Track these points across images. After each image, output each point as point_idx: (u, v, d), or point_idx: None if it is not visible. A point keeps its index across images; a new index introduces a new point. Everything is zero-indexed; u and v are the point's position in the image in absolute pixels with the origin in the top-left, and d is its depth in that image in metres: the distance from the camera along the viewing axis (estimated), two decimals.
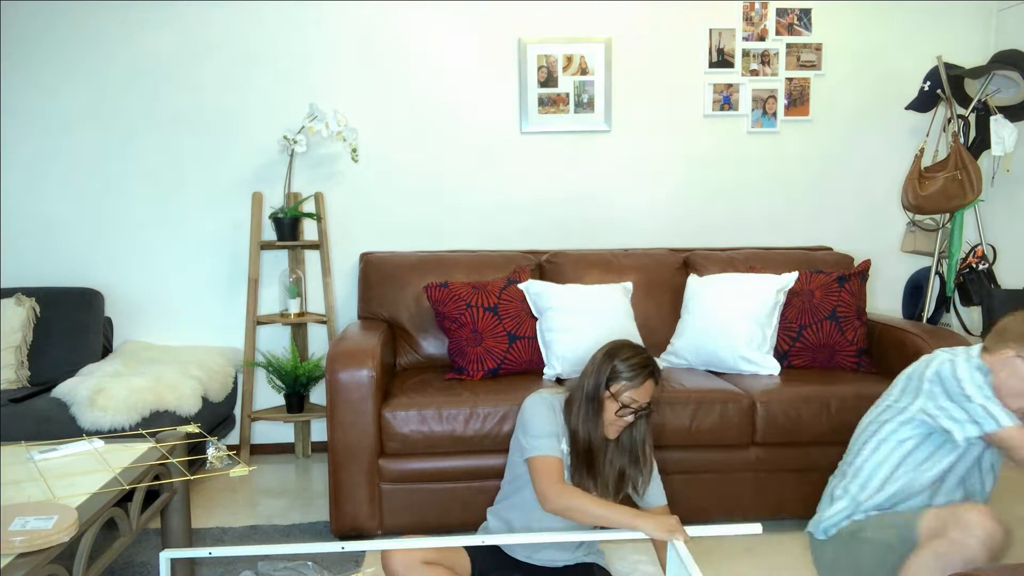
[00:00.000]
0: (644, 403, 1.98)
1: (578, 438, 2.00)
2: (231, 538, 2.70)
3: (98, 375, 2.87)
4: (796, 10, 3.62)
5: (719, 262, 3.32)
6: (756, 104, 3.65)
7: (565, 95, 3.56)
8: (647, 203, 3.67)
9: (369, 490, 2.60)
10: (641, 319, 3.13)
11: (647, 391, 1.97)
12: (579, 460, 2.01)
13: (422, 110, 3.54)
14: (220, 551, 1.49)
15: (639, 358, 1.97)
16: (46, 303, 3.18)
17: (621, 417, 1.97)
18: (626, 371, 1.95)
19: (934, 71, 3.35)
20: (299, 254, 3.53)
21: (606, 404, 1.97)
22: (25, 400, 2.79)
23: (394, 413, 2.60)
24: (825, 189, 3.74)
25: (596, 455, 2.01)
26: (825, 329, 2.99)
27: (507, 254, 3.36)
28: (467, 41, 3.52)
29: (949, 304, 3.42)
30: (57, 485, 1.70)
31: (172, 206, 3.49)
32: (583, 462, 2.01)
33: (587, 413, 1.98)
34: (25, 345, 3.10)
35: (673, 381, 2.78)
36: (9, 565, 1.31)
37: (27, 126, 3.39)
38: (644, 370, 1.96)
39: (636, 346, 2.03)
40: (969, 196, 3.19)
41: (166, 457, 1.89)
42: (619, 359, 1.97)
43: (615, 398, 1.96)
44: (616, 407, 1.96)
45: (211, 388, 3.09)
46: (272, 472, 3.40)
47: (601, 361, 2.00)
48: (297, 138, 3.31)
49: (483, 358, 2.90)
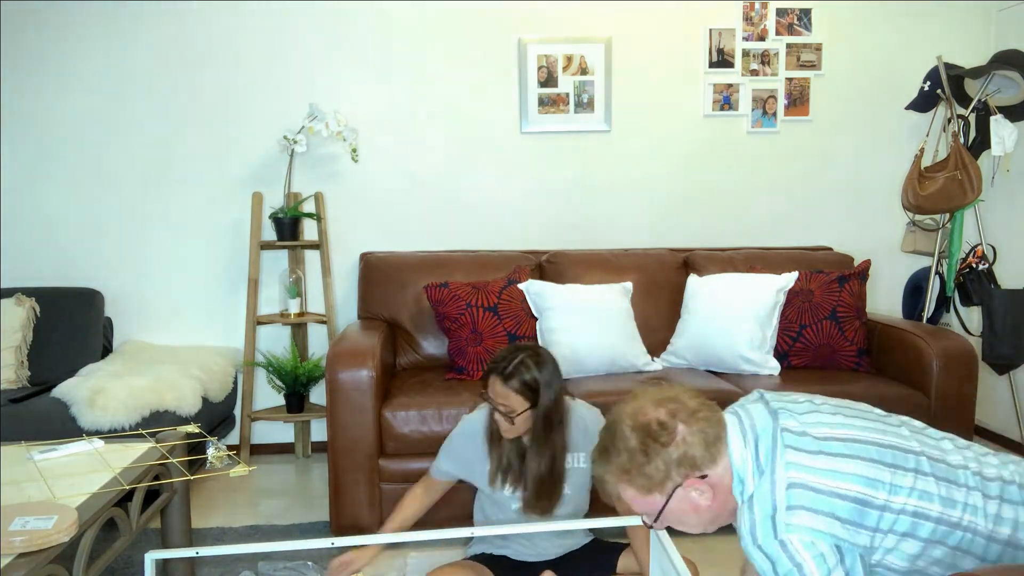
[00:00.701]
0: (500, 402, 1.95)
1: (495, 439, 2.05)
2: (231, 538, 2.70)
3: (98, 375, 2.87)
4: (796, 10, 3.62)
5: (719, 262, 3.32)
6: (756, 104, 3.65)
7: (565, 95, 3.56)
8: (647, 203, 3.67)
9: (369, 490, 2.60)
10: (641, 319, 3.13)
11: (493, 389, 1.96)
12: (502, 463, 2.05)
13: (422, 110, 3.54)
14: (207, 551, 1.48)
15: (497, 355, 2.00)
16: (46, 303, 3.18)
17: (496, 415, 1.99)
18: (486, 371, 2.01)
19: (934, 71, 3.35)
20: (299, 254, 3.53)
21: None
22: (25, 400, 2.79)
23: (394, 413, 2.60)
24: (825, 189, 3.74)
25: (511, 456, 2.04)
26: (825, 329, 2.99)
27: (507, 254, 3.36)
28: (467, 41, 3.52)
29: (949, 304, 3.42)
30: (57, 485, 1.70)
31: (172, 206, 3.49)
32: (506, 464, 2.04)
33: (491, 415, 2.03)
34: (25, 345, 3.10)
35: (673, 381, 2.78)
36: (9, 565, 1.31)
37: (27, 126, 3.39)
38: (489, 374, 1.98)
39: (511, 346, 2.06)
40: (969, 196, 3.19)
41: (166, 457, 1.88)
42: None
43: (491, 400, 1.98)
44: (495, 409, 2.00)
45: (211, 388, 3.09)
46: (272, 472, 3.40)
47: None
48: (297, 138, 3.31)
49: (483, 358, 2.90)
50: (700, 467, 1.31)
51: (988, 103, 3.28)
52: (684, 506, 1.34)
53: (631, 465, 1.31)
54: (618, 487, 1.35)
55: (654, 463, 1.30)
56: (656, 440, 1.30)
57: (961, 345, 2.79)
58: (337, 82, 3.49)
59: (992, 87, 3.30)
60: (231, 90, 3.46)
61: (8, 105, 3.37)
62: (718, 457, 1.32)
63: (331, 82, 3.49)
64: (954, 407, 2.74)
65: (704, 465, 1.31)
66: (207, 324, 3.54)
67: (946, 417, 2.73)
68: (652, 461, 1.30)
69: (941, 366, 2.74)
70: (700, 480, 1.32)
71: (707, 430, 1.32)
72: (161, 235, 3.50)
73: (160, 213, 3.49)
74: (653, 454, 1.30)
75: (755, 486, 1.30)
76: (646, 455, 1.30)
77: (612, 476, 1.35)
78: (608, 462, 1.35)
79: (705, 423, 1.32)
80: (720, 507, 1.35)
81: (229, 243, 3.52)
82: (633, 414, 1.34)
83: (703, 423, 1.32)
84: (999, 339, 3.19)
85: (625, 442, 1.32)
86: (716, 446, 1.32)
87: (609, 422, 1.39)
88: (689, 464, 1.30)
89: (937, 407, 2.74)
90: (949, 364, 2.74)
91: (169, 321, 3.53)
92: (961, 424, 2.75)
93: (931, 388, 2.75)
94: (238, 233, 3.51)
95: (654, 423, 1.31)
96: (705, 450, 1.31)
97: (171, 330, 3.52)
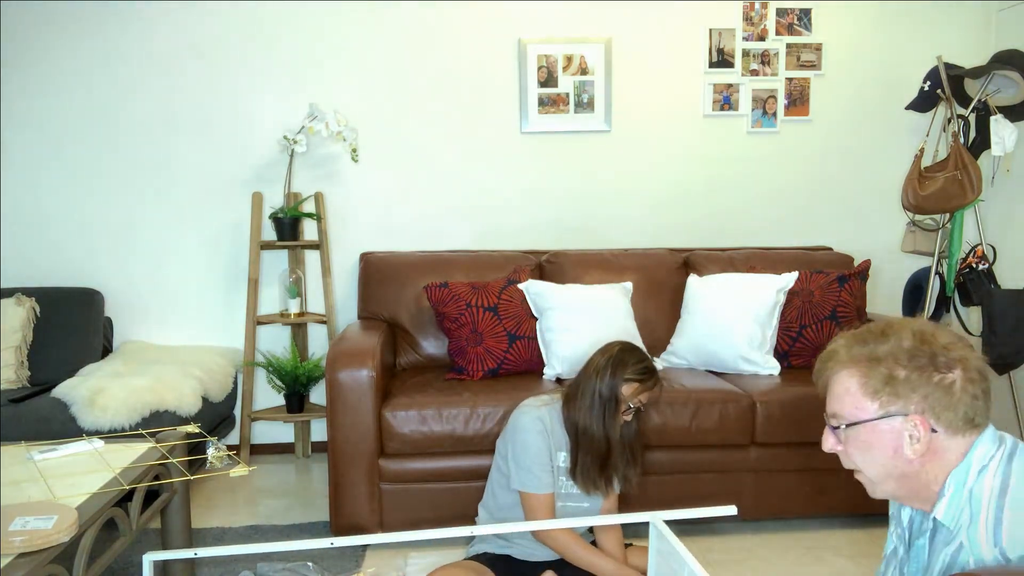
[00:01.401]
0: (646, 400, 2.10)
1: (593, 438, 2.06)
2: (231, 538, 2.70)
3: (98, 375, 2.87)
4: (796, 10, 3.62)
5: (719, 262, 3.32)
6: (756, 104, 3.65)
7: (565, 95, 3.56)
8: (647, 203, 3.67)
9: (369, 490, 2.60)
10: (641, 319, 3.13)
11: (652, 393, 2.10)
12: (591, 460, 2.07)
13: (422, 110, 3.54)
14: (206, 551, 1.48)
15: (648, 362, 2.09)
16: (46, 303, 3.18)
17: (624, 415, 2.07)
18: (638, 374, 2.06)
19: (934, 71, 3.35)
20: (299, 254, 3.53)
21: (621, 405, 2.06)
22: (25, 400, 2.79)
23: (394, 413, 2.60)
24: (825, 189, 3.74)
25: (613, 453, 2.09)
26: (825, 329, 2.99)
27: (507, 254, 3.36)
28: (467, 41, 3.52)
29: (949, 304, 3.42)
30: (57, 485, 1.70)
31: (172, 206, 3.49)
32: (595, 461, 2.07)
33: (602, 413, 2.05)
34: (25, 345, 3.10)
35: (673, 381, 2.78)
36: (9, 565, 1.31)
37: (27, 126, 3.39)
38: (654, 374, 2.08)
39: (639, 349, 2.13)
40: (969, 196, 3.19)
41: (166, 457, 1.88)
42: (631, 362, 2.06)
43: (625, 399, 2.05)
44: (624, 407, 2.06)
45: (211, 388, 3.09)
46: (272, 472, 3.40)
47: (614, 363, 2.07)
48: (297, 138, 3.31)
49: (483, 358, 2.90)
50: (939, 420, 1.14)
51: (988, 103, 3.28)
52: (887, 439, 1.15)
53: (888, 356, 1.15)
54: (847, 368, 1.19)
55: (909, 372, 1.13)
56: (931, 359, 1.13)
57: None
58: (337, 82, 3.49)
59: (992, 87, 3.29)
60: (231, 90, 3.46)
61: (8, 105, 3.37)
62: (960, 435, 1.15)
63: (331, 82, 3.49)
64: None
65: (944, 424, 1.14)
66: (207, 324, 3.54)
67: None
68: (909, 369, 1.13)
69: None
70: (928, 429, 1.14)
71: (977, 403, 1.14)
72: (161, 235, 3.50)
73: (160, 213, 3.49)
74: (916, 365, 1.13)
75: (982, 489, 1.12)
76: (911, 360, 1.14)
77: (855, 354, 1.18)
78: (865, 342, 1.18)
79: (981, 397, 1.15)
80: (919, 471, 1.16)
81: (229, 243, 3.52)
82: (924, 328, 1.17)
83: (981, 394, 1.15)
84: (999, 339, 3.19)
85: (898, 339, 1.16)
86: (968, 426, 1.15)
87: (888, 322, 1.22)
88: (933, 409, 1.13)
89: None
90: None
91: (169, 321, 3.53)
92: None
93: None
94: (238, 233, 3.51)
95: (941, 350, 1.15)
96: (958, 414, 1.13)
97: (171, 330, 3.52)
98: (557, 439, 2.11)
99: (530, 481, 2.05)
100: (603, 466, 2.08)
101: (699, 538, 2.67)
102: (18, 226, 3.43)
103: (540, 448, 2.07)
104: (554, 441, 2.10)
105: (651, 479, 2.60)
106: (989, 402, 1.17)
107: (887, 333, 1.19)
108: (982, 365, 1.18)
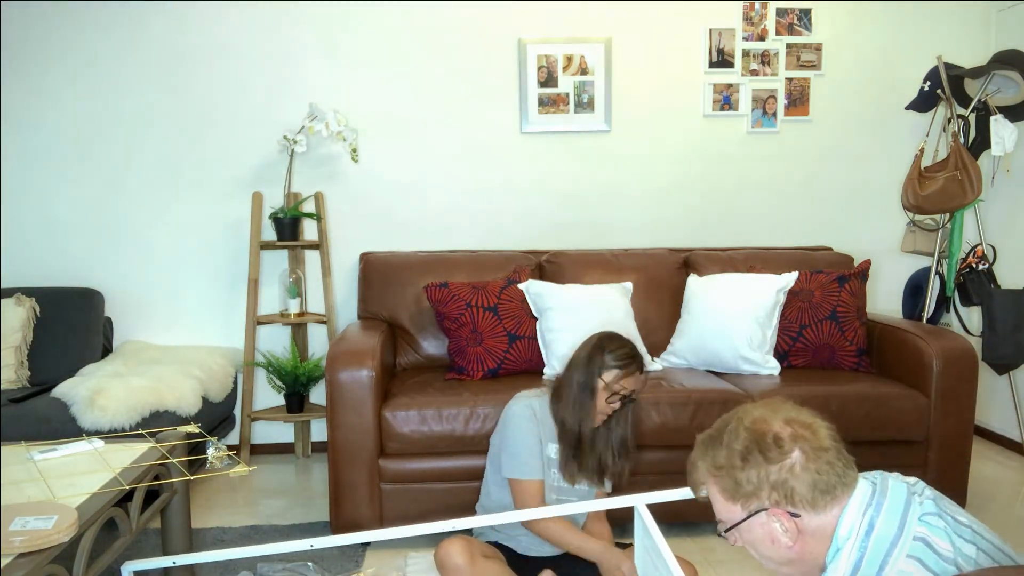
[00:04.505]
0: (631, 390, 2.07)
1: (567, 428, 2.07)
2: (231, 538, 2.70)
3: (98, 375, 2.87)
4: (796, 10, 3.62)
5: (719, 262, 3.32)
6: (756, 104, 3.65)
7: (565, 95, 3.56)
8: (647, 203, 3.67)
9: (369, 490, 2.60)
10: (641, 319, 3.13)
11: (636, 379, 2.07)
12: (574, 451, 2.08)
13: (422, 110, 3.54)
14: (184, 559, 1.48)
15: (628, 348, 2.08)
16: (46, 303, 3.18)
17: (610, 405, 2.06)
18: (617, 360, 2.05)
19: (934, 71, 3.35)
20: (299, 254, 3.53)
21: (599, 393, 2.05)
22: (25, 400, 2.79)
23: (394, 413, 2.60)
24: (825, 189, 3.74)
25: (584, 443, 2.08)
26: (825, 329, 2.99)
27: (507, 254, 3.36)
28: (467, 41, 3.52)
29: (949, 304, 3.42)
30: (57, 485, 1.70)
31: (172, 206, 3.49)
32: (572, 452, 2.08)
33: (579, 402, 2.06)
34: (25, 345, 3.10)
35: (673, 381, 2.78)
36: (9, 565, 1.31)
37: (27, 126, 3.39)
38: (634, 360, 2.06)
39: (621, 336, 2.12)
40: (969, 196, 3.19)
41: (166, 457, 1.88)
42: (609, 349, 2.06)
43: (607, 387, 2.04)
44: (606, 396, 2.05)
45: (211, 388, 3.09)
46: (272, 472, 3.40)
47: (592, 351, 2.07)
48: (297, 138, 3.31)
49: (483, 358, 2.90)
50: (796, 505, 1.19)
51: (988, 103, 3.28)
52: (762, 532, 1.22)
53: (726, 463, 1.23)
54: (707, 479, 1.27)
55: (748, 473, 1.20)
56: (763, 453, 1.20)
57: (961, 345, 2.79)
58: (337, 82, 3.49)
59: (992, 87, 3.30)
60: (231, 90, 3.46)
61: (8, 105, 3.37)
62: (823, 509, 1.19)
63: (331, 82, 3.49)
64: (954, 407, 2.74)
65: (801, 505, 1.18)
66: (207, 324, 3.54)
67: (946, 417, 2.73)
68: (747, 470, 1.20)
69: (941, 366, 2.74)
70: (789, 517, 1.19)
71: (825, 475, 1.18)
72: (161, 235, 3.50)
73: (160, 213, 3.49)
74: (752, 463, 1.20)
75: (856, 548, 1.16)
76: (745, 461, 1.21)
77: (705, 466, 1.27)
78: (707, 451, 1.27)
79: (828, 468, 1.18)
80: (802, 554, 1.21)
81: (229, 243, 3.52)
82: (756, 419, 1.24)
83: (825, 467, 1.18)
84: (999, 339, 3.19)
85: (732, 438, 1.23)
86: (826, 497, 1.18)
87: (729, 415, 1.29)
88: (785, 495, 1.18)
89: (937, 407, 2.74)
90: (949, 364, 2.74)
91: (169, 321, 3.53)
92: (961, 424, 2.75)
93: (931, 388, 2.75)
94: (238, 233, 3.51)
95: (770, 436, 1.21)
96: (810, 492, 1.18)
97: (171, 330, 3.52)
98: (548, 430, 2.11)
99: (519, 467, 2.07)
100: (587, 457, 2.08)
101: (700, 538, 2.67)
102: (18, 226, 3.43)
103: (529, 434, 2.08)
104: (545, 432, 2.11)
105: (651, 479, 2.60)
106: (844, 460, 1.21)
107: (720, 438, 1.26)
108: (825, 432, 1.22)
